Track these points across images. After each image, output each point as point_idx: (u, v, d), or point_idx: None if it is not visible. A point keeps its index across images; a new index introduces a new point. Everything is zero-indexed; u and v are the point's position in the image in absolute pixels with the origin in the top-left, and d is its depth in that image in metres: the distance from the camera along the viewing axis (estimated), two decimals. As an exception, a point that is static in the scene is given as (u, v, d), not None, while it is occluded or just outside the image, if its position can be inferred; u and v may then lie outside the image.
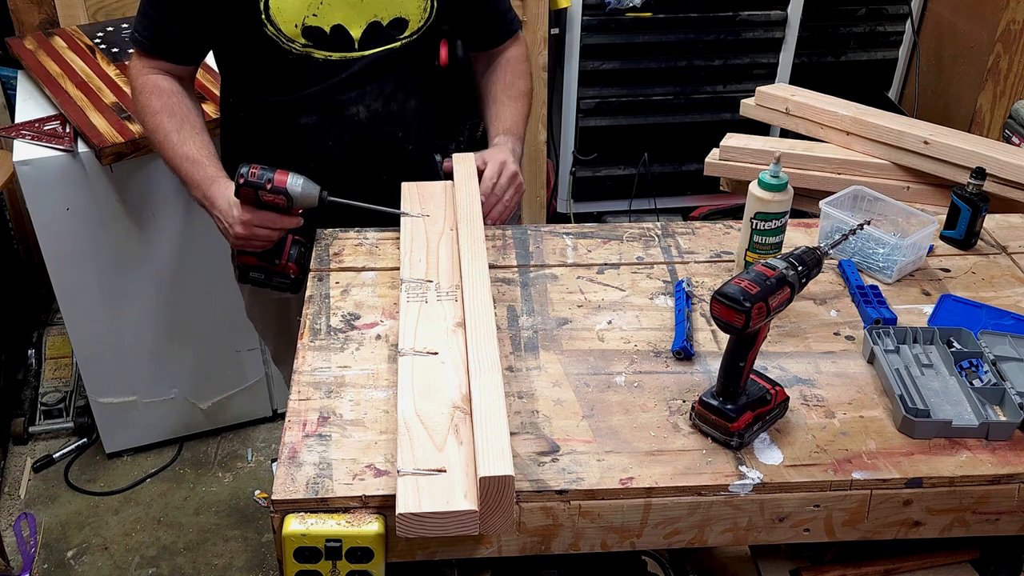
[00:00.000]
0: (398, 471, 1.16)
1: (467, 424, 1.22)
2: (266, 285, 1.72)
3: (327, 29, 1.58)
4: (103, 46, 2.58)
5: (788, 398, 1.32)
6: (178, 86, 1.72)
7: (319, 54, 1.61)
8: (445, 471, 1.16)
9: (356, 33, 1.62)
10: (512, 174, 1.70)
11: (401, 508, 1.11)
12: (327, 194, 1.56)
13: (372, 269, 1.62)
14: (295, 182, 1.54)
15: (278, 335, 2.06)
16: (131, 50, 1.75)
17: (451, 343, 1.37)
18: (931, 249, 1.70)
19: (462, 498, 1.13)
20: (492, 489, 1.11)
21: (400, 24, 1.68)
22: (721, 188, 2.33)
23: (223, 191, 1.61)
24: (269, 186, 1.53)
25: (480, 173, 1.69)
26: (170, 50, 1.70)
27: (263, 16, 1.58)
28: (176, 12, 1.66)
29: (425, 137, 1.84)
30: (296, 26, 1.58)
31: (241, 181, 1.53)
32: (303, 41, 1.59)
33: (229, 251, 1.74)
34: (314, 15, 1.57)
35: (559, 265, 1.65)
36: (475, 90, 1.93)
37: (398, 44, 1.68)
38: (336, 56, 1.64)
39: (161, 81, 1.71)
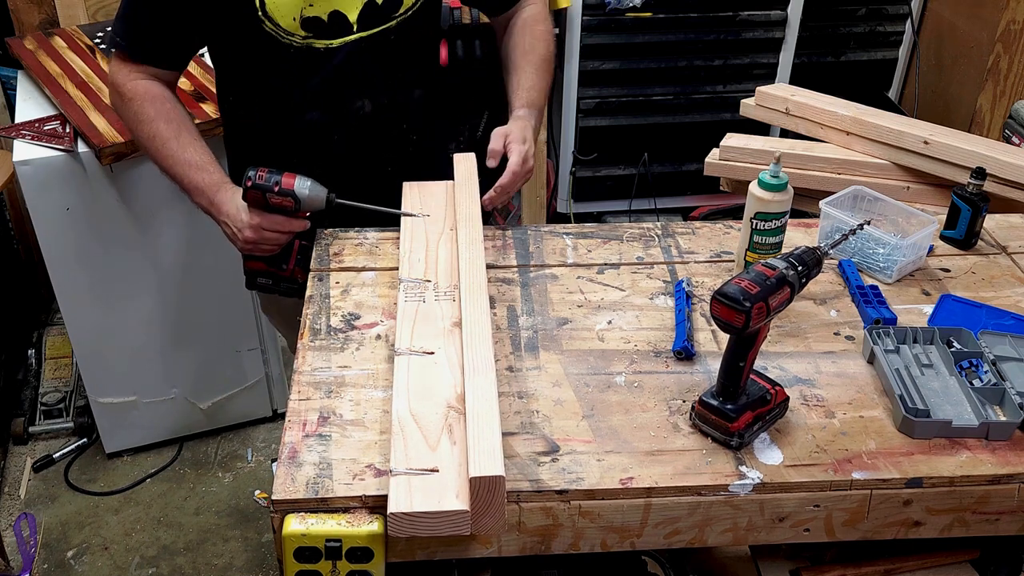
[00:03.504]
0: (391, 471, 1.16)
1: (461, 424, 1.22)
2: (273, 291, 1.71)
3: (325, 17, 1.54)
4: (103, 46, 2.58)
5: (788, 398, 1.32)
6: (169, 92, 1.67)
7: (320, 44, 1.58)
8: (438, 471, 1.16)
9: (353, 16, 1.59)
10: (529, 169, 1.65)
11: (392, 507, 1.11)
12: (335, 196, 1.56)
13: (372, 269, 1.62)
14: (303, 184, 1.53)
15: (295, 329, 2.05)
16: (110, 52, 1.67)
17: (447, 343, 1.37)
18: (931, 249, 1.70)
19: (454, 498, 1.13)
20: (483, 489, 1.11)
21: (394, 3, 1.64)
22: (721, 188, 2.33)
23: (230, 196, 1.60)
24: (277, 188, 1.52)
25: (499, 155, 1.63)
26: (156, 56, 1.64)
27: (259, 13, 1.55)
28: (163, 16, 1.58)
29: (429, 129, 1.82)
30: (294, 19, 1.55)
31: (249, 184, 1.52)
32: (303, 33, 1.56)
33: (232, 252, 1.73)
34: (311, 5, 1.54)
35: (559, 265, 1.65)
36: (498, 58, 1.87)
37: (393, 23, 1.64)
38: (337, 43, 1.61)
39: (152, 87, 1.65)
